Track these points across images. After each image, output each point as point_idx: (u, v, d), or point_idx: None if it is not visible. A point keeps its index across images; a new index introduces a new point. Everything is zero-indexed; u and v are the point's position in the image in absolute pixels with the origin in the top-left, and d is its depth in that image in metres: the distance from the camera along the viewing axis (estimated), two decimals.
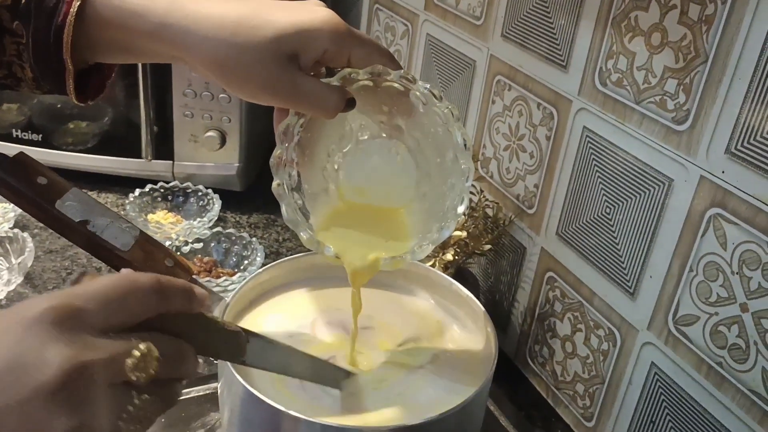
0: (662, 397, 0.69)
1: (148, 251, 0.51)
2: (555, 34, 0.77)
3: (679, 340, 0.66)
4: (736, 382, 0.61)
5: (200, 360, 0.45)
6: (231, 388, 0.54)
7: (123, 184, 1.14)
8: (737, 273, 0.59)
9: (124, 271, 0.41)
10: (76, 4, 0.51)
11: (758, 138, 0.56)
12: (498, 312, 0.91)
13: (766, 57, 0.55)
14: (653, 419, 0.70)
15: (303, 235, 0.55)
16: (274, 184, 0.55)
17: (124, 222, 0.51)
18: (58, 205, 0.49)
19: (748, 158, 0.57)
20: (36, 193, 0.49)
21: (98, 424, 0.35)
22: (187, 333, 0.41)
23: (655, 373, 0.69)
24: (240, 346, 0.46)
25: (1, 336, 0.35)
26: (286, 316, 0.66)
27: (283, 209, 0.55)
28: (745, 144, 0.57)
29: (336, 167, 0.59)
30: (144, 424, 0.38)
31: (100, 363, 0.35)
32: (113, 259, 0.50)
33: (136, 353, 0.37)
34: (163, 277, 0.40)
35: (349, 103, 0.53)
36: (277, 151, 0.55)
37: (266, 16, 0.51)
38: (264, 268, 0.68)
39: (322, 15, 0.52)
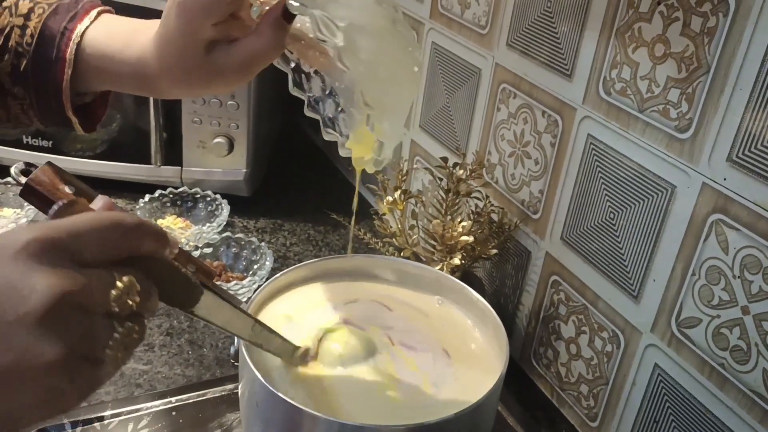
0: (665, 397, 0.70)
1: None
2: (560, 43, 0.79)
3: (682, 342, 0.68)
4: (738, 383, 0.63)
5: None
6: (252, 388, 0.56)
7: (132, 189, 1.15)
8: (739, 277, 0.61)
9: (103, 204, 0.43)
10: (68, 71, 0.58)
11: (759, 146, 0.58)
12: (503, 315, 0.93)
13: (766, 68, 0.57)
14: (656, 419, 0.72)
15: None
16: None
17: None
18: None
19: (749, 166, 0.59)
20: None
21: (85, 350, 0.36)
22: (153, 275, 0.42)
23: (659, 374, 0.71)
24: (195, 297, 0.47)
25: None
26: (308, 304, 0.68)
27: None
28: (746, 152, 0.59)
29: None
30: (127, 352, 0.39)
31: (85, 291, 0.36)
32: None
33: (120, 285, 0.38)
34: (144, 220, 0.42)
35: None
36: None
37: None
38: (281, 273, 0.69)
39: None
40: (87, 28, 0.60)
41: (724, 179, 0.62)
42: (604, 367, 0.78)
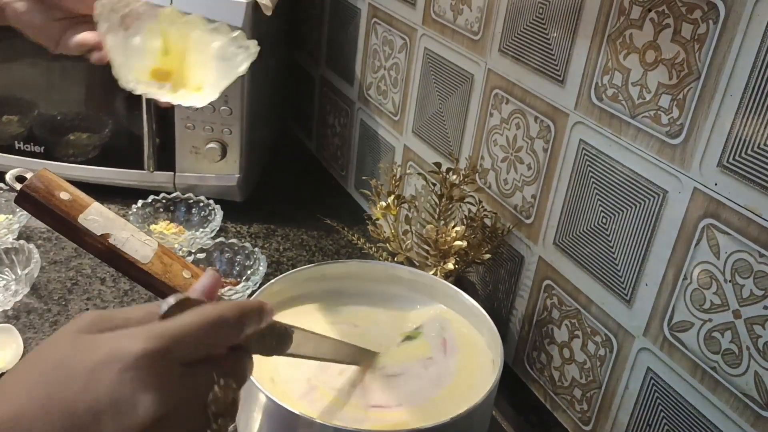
0: (658, 401, 0.71)
1: (166, 263, 0.53)
2: (552, 49, 0.79)
3: (675, 345, 0.68)
4: (730, 386, 0.63)
5: None
6: (250, 395, 0.56)
7: (125, 195, 1.15)
8: (730, 281, 0.62)
9: (209, 284, 0.44)
10: None
11: (749, 152, 0.59)
12: (496, 319, 0.92)
13: (756, 74, 0.58)
14: (650, 422, 0.72)
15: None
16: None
17: (144, 235, 0.53)
18: (81, 219, 0.51)
19: (740, 171, 0.60)
20: (60, 209, 0.50)
21: None
22: (251, 341, 0.44)
23: (651, 377, 0.71)
24: (289, 340, 0.49)
25: (100, 375, 0.37)
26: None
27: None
28: (737, 157, 0.60)
29: None
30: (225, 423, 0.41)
31: (185, 400, 0.38)
32: (134, 271, 0.52)
33: (217, 391, 0.40)
34: (244, 305, 0.42)
35: None
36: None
37: None
38: (277, 278, 0.70)
39: None
40: None
41: (715, 184, 0.62)
42: (597, 371, 0.78)
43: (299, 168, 1.41)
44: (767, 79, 0.57)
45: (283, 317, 0.52)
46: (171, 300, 0.41)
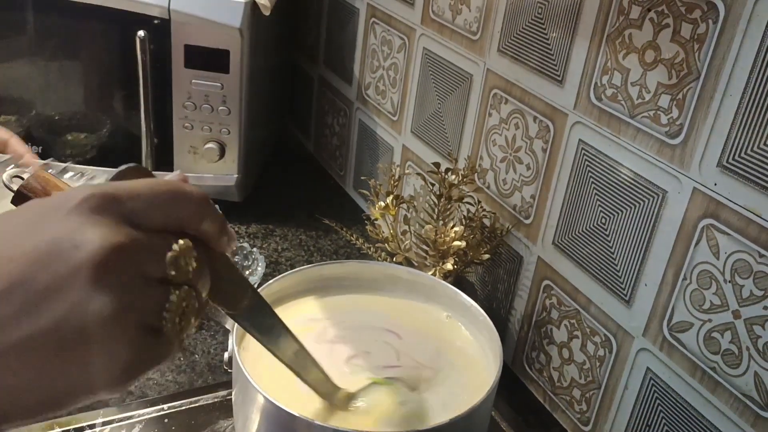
0: (658, 401, 0.71)
1: None
2: (551, 49, 0.79)
3: (674, 346, 0.68)
4: (730, 387, 0.63)
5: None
6: (246, 395, 0.56)
7: None
8: (730, 281, 0.62)
9: (175, 177, 0.40)
10: None
11: (749, 152, 0.59)
12: (495, 319, 0.92)
13: (756, 74, 0.58)
14: (649, 423, 0.72)
15: None
16: None
17: None
18: None
19: (739, 171, 0.60)
20: None
21: (141, 314, 0.35)
22: (209, 263, 0.40)
23: (651, 378, 0.71)
24: (241, 295, 0.45)
25: (42, 218, 0.35)
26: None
27: None
28: (736, 158, 0.60)
29: None
30: (186, 321, 0.37)
31: (140, 248, 0.35)
32: None
33: (176, 247, 0.36)
34: (209, 198, 0.39)
35: None
36: None
37: None
38: (275, 279, 0.69)
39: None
40: None
41: (715, 184, 0.62)
42: (597, 371, 0.78)
43: (298, 168, 1.41)
44: (767, 79, 0.57)
45: (280, 314, 0.52)
46: (123, 166, 0.38)
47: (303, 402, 0.57)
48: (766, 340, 0.59)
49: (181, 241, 0.37)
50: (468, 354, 0.66)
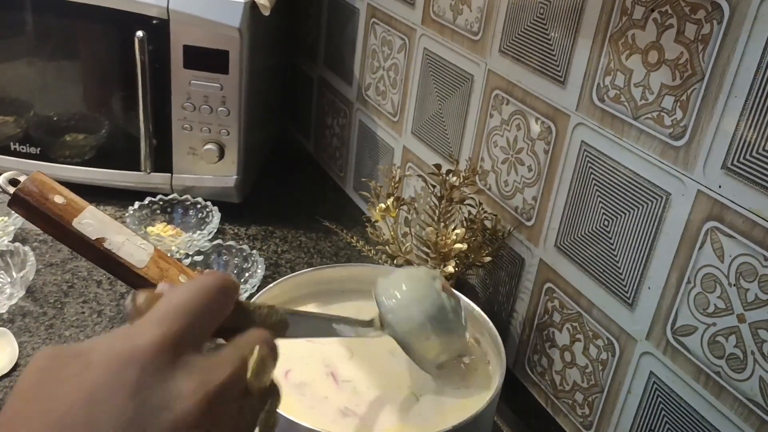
0: (661, 405, 0.70)
1: (163, 268, 0.52)
2: (553, 50, 0.78)
3: (678, 350, 0.67)
4: (734, 391, 0.62)
5: None
6: None
7: (121, 197, 1.14)
8: (734, 285, 0.61)
9: (195, 277, 0.40)
10: None
11: (754, 154, 0.58)
12: (496, 322, 0.92)
13: (761, 75, 0.57)
14: (652, 428, 0.72)
15: None
16: None
17: (139, 239, 0.52)
18: (75, 223, 0.50)
19: (744, 173, 0.59)
20: (53, 213, 0.49)
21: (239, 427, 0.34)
22: (243, 324, 0.40)
23: (654, 382, 0.71)
24: (286, 323, 0.46)
25: (115, 383, 0.32)
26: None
27: None
28: (741, 159, 0.59)
29: None
30: (273, 424, 0.38)
31: (227, 380, 0.34)
32: (129, 275, 0.51)
33: (252, 362, 0.36)
34: (210, 275, 0.39)
35: None
36: None
37: None
38: (276, 282, 0.69)
39: None
40: None
41: (719, 187, 0.61)
42: (599, 375, 0.78)
43: (298, 169, 1.40)
44: None
45: None
46: (137, 295, 0.37)
47: (308, 409, 0.56)
48: None
49: (255, 351, 0.36)
50: (471, 359, 0.66)
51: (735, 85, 0.59)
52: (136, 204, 1.08)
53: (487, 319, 0.66)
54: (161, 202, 1.11)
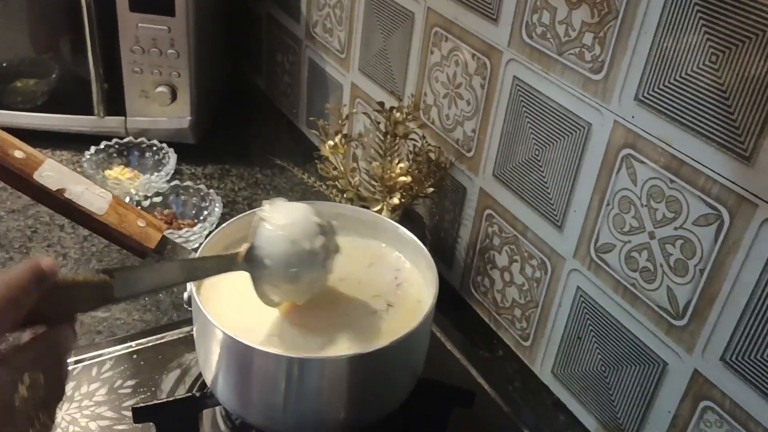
0: (587, 316, 0.78)
1: (121, 214, 0.56)
2: None
3: (600, 266, 0.75)
4: (647, 300, 0.70)
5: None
6: (205, 330, 0.61)
7: (76, 141, 1.16)
8: (646, 205, 0.68)
9: None
10: None
11: (660, 86, 0.64)
12: (444, 248, 0.99)
13: (667, 12, 0.62)
14: (580, 336, 0.79)
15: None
16: None
17: (98, 188, 0.56)
18: (36, 176, 0.53)
19: (653, 104, 0.65)
20: (15, 167, 0.53)
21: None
22: (63, 304, 0.41)
23: (581, 295, 0.78)
24: (108, 292, 0.45)
25: None
26: None
27: None
28: (651, 91, 0.65)
29: None
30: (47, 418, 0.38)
31: None
32: (90, 222, 0.55)
33: (23, 390, 0.36)
34: (9, 275, 0.38)
35: None
36: None
37: None
38: (228, 222, 0.73)
39: None
40: None
41: (632, 117, 0.67)
42: (535, 291, 0.85)
43: (251, 107, 1.43)
44: (678, 17, 0.61)
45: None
46: None
47: (257, 333, 0.62)
48: (677, 258, 0.66)
49: (26, 379, 0.36)
50: (410, 284, 0.72)
51: (645, 21, 0.64)
52: (93, 148, 1.10)
53: (421, 245, 0.72)
54: (117, 146, 1.13)
